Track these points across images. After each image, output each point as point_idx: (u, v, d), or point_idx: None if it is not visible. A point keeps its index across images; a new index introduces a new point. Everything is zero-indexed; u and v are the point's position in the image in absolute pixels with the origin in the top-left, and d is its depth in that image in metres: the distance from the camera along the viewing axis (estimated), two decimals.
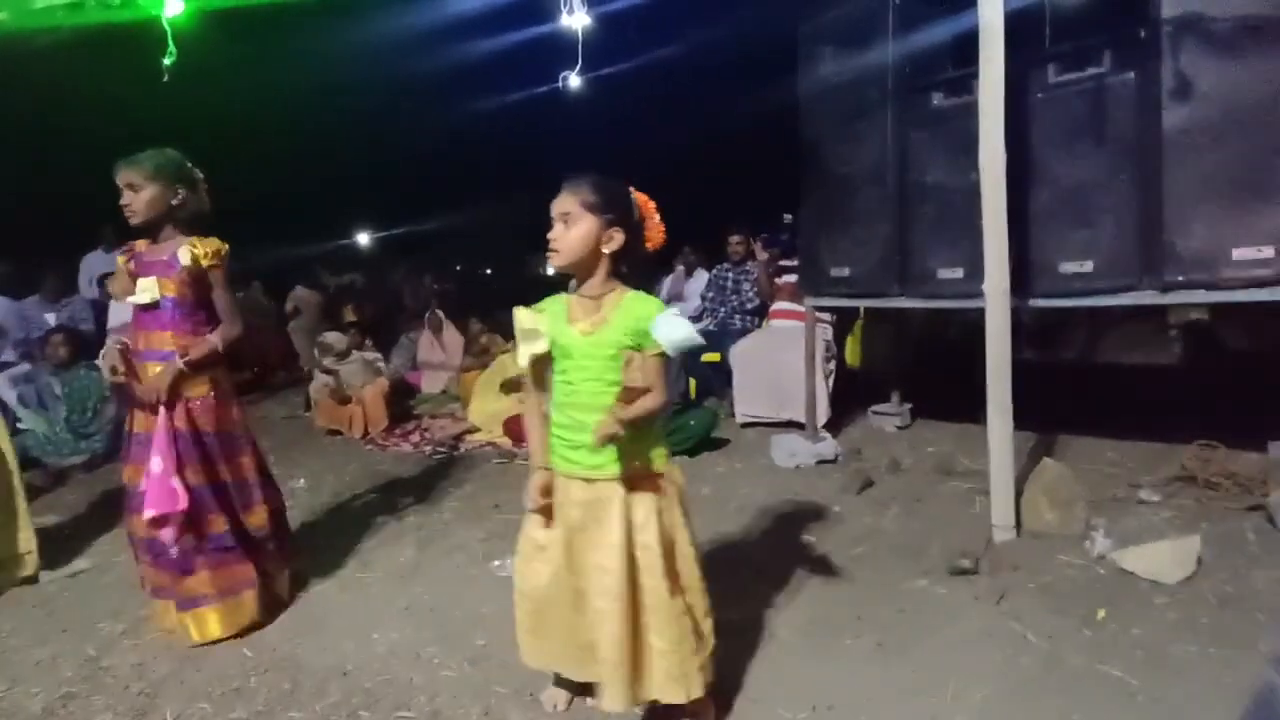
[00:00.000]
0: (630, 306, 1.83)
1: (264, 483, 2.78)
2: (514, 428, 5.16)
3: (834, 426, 4.68)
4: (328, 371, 6.09)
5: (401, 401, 6.29)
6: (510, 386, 5.62)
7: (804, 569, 2.81)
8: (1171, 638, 2.22)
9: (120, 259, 2.71)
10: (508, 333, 6.59)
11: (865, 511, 3.39)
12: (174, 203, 2.59)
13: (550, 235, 1.85)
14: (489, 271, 18.43)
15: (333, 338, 6.47)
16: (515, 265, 17.49)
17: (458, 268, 16.23)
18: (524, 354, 1.91)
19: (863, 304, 4.68)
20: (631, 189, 1.91)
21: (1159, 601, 2.43)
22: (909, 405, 4.82)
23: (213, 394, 2.62)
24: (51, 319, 5.84)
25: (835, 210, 4.07)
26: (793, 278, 5.12)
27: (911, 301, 3.87)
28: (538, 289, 2.17)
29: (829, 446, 4.22)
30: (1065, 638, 2.26)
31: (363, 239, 17.53)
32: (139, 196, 2.54)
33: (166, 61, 3.57)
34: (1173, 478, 3.36)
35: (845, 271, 4.05)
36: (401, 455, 5.11)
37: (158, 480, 2.46)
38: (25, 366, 5.49)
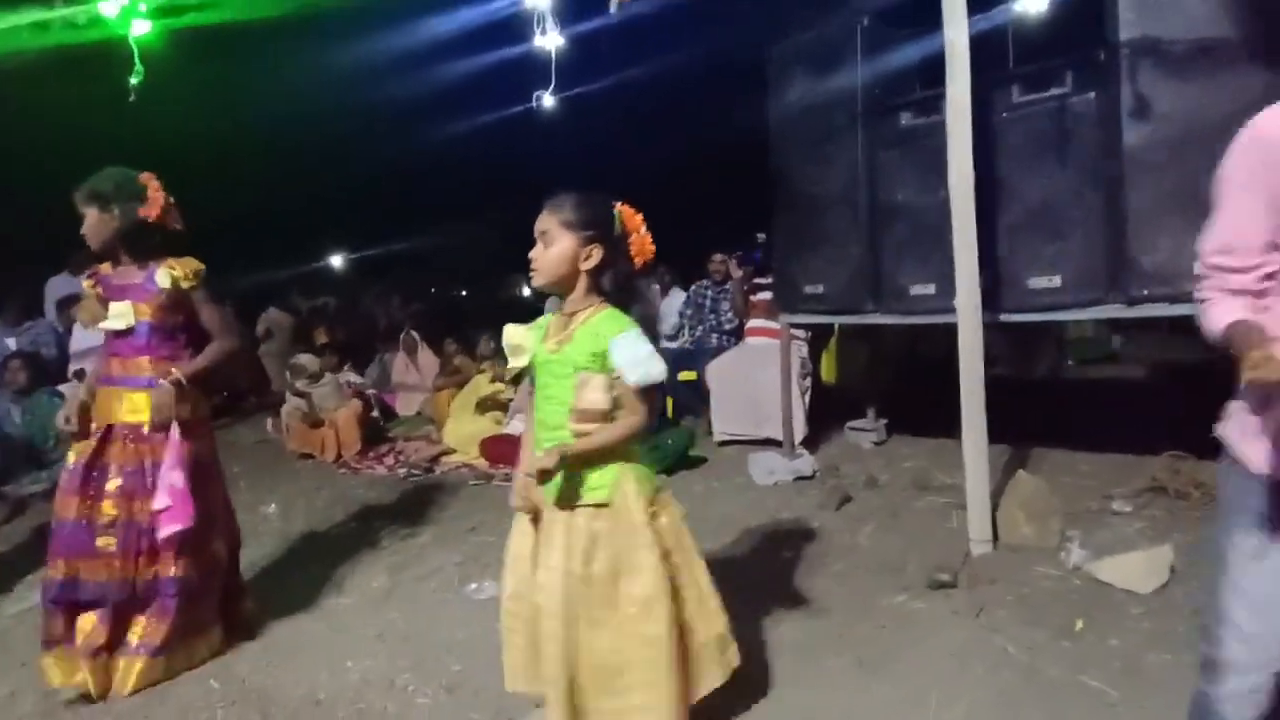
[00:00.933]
0: (596, 325, 1.78)
1: (227, 516, 2.72)
2: (490, 449, 5.11)
3: (811, 443, 4.69)
4: (300, 394, 6.00)
5: (374, 422, 6.21)
6: (485, 405, 5.57)
7: (782, 586, 2.80)
8: (1148, 647, 2.24)
9: (86, 283, 2.64)
10: (482, 354, 6.58)
11: (843, 528, 3.40)
12: (115, 225, 2.50)
13: (531, 254, 1.82)
14: (464, 293, 18.38)
15: (305, 359, 6.38)
16: (490, 286, 17.44)
17: (432, 290, 16.15)
18: (510, 369, 1.93)
19: (837, 320, 4.72)
20: (617, 204, 1.88)
21: (1134, 611, 2.45)
22: (884, 421, 4.85)
23: (200, 419, 2.57)
24: (12, 344, 5.68)
25: (807, 228, 4.10)
26: (767, 295, 5.15)
27: (885, 318, 3.91)
28: (513, 310, 2.17)
29: (806, 463, 4.23)
30: (1044, 649, 2.27)
31: (336, 261, 17.41)
32: (86, 223, 2.49)
33: (134, 81, 3.54)
34: (1144, 489, 3.40)
35: (819, 288, 4.08)
36: (375, 478, 5.04)
37: (182, 495, 2.39)
38: None
